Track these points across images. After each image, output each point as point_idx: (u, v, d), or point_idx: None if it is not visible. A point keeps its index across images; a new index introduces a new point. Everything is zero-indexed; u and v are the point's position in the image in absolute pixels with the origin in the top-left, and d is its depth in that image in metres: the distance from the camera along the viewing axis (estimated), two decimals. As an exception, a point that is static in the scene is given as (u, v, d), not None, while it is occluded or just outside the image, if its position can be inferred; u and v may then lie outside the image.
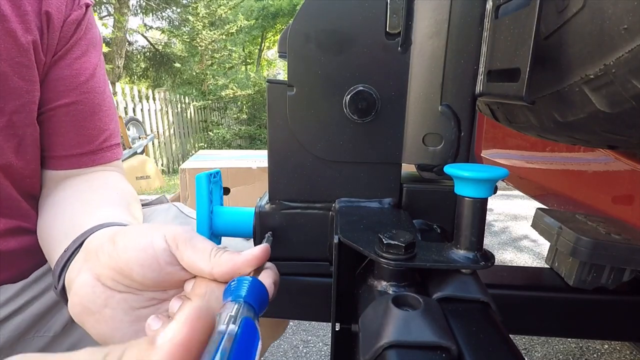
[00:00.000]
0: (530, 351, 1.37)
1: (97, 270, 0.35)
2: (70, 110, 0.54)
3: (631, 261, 0.46)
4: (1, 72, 0.45)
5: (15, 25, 0.46)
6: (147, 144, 5.09)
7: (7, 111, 0.47)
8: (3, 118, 0.46)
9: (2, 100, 0.46)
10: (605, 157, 0.56)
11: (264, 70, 13.64)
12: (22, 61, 0.47)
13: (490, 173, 0.29)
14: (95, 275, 0.35)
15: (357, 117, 0.40)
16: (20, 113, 0.48)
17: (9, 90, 0.46)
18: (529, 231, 2.50)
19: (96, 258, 0.35)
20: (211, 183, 0.45)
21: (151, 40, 9.29)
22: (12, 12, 0.46)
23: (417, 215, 0.43)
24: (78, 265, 0.38)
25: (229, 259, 0.33)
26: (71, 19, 0.52)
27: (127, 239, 0.35)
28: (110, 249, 0.35)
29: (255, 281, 0.30)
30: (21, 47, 0.46)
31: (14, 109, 0.47)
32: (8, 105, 0.47)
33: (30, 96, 0.49)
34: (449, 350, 0.24)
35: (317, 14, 0.38)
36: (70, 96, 0.54)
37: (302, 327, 1.51)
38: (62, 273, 0.40)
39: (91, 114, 0.56)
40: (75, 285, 0.36)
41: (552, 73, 0.29)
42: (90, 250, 0.37)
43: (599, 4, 0.23)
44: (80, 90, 0.55)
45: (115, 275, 0.34)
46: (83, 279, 0.35)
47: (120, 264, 0.34)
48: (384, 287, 0.33)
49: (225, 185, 1.67)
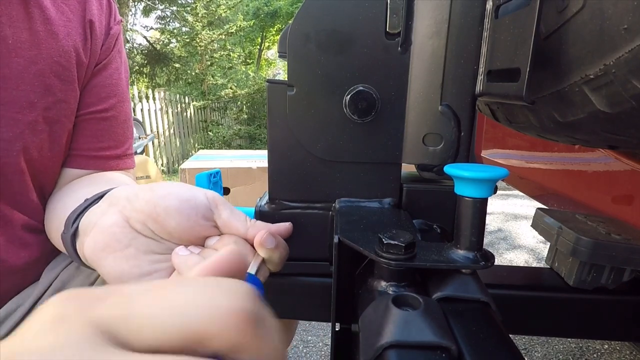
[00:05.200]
0: (530, 351, 1.37)
1: (127, 213, 0.38)
2: (108, 115, 0.59)
3: (631, 261, 0.46)
4: (39, 70, 0.48)
5: (58, 29, 0.50)
6: (147, 143, 5.09)
7: (40, 107, 0.49)
8: (34, 112, 0.49)
9: (36, 95, 0.49)
10: (605, 157, 0.56)
11: (264, 71, 13.65)
12: (60, 61, 0.50)
13: (490, 173, 0.29)
14: (125, 217, 0.37)
15: (357, 117, 0.39)
16: (51, 110, 0.51)
17: (44, 87, 0.49)
18: (529, 231, 2.50)
19: (127, 202, 0.38)
20: (211, 183, 0.45)
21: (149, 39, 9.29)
22: (57, 17, 0.50)
23: (417, 215, 0.43)
24: (101, 209, 0.40)
25: (264, 225, 0.39)
26: (112, 33, 0.58)
27: (168, 190, 0.38)
28: (149, 195, 0.37)
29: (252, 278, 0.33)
30: (62, 48, 0.50)
31: (46, 105, 0.50)
32: (41, 101, 0.49)
33: (63, 95, 0.52)
34: (449, 350, 0.24)
35: (317, 14, 0.38)
36: (110, 102, 0.59)
37: (302, 327, 1.51)
38: (78, 218, 0.42)
39: (123, 121, 0.62)
40: (101, 224, 0.38)
41: (552, 73, 0.29)
42: (118, 197, 0.40)
43: (599, 4, 0.23)
44: (118, 99, 0.60)
45: (148, 220, 0.37)
46: (111, 219, 0.38)
47: (158, 210, 0.36)
48: (383, 287, 0.33)
49: (225, 185, 1.67)
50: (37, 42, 0.48)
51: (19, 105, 0.48)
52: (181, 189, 0.38)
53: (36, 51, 0.48)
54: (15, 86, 0.47)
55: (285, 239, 0.40)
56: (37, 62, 0.48)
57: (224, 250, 0.25)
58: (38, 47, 0.48)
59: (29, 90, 0.48)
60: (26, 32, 0.47)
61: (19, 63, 0.47)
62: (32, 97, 0.49)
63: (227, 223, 0.38)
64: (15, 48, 0.46)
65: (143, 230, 0.37)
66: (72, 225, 0.42)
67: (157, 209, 0.37)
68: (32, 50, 0.48)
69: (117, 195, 0.40)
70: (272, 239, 0.38)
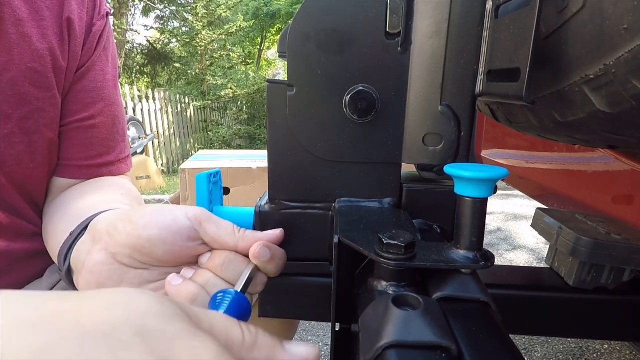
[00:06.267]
0: (530, 351, 1.37)
1: (112, 249, 0.36)
2: (96, 122, 0.55)
3: (631, 261, 0.46)
4: (11, 78, 0.44)
5: (31, 30, 0.45)
6: (147, 143, 5.09)
7: (15, 117, 0.46)
8: (9, 124, 0.46)
9: (11, 106, 0.45)
10: (605, 157, 0.56)
11: (264, 71, 13.64)
12: (35, 67, 0.46)
13: (490, 173, 0.29)
14: (110, 254, 0.36)
15: (357, 117, 0.39)
16: (29, 119, 0.47)
17: (19, 96, 0.46)
18: (529, 231, 2.50)
19: (109, 237, 0.37)
20: (211, 183, 0.45)
21: (149, 39, 9.29)
22: (29, 17, 0.45)
23: (417, 215, 0.43)
24: (86, 246, 0.39)
25: (253, 235, 0.38)
26: (95, 30, 0.53)
27: (148, 218, 0.36)
28: (129, 228, 0.36)
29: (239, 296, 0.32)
30: (36, 52, 0.46)
31: (22, 115, 0.47)
32: (16, 111, 0.46)
33: (41, 103, 0.48)
34: (449, 350, 0.24)
35: (317, 14, 0.38)
36: (96, 108, 0.55)
37: (302, 327, 1.51)
38: (68, 255, 0.41)
39: (112, 125, 0.58)
40: (89, 264, 0.37)
41: (552, 73, 0.29)
42: (100, 231, 0.39)
43: (599, 4, 0.23)
44: (105, 103, 0.56)
45: (134, 252, 0.36)
46: (97, 258, 0.37)
47: (142, 242, 0.35)
48: (383, 287, 0.33)
49: (225, 185, 1.67)
50: (8, 47, 0.44)
51: None
52: (161, 216, 0.36)
53: (7, 57, 0.44)
54: None
55: (285, 240, 0.40)
56: (9, 69, 0.44)
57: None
58: (9, 52, 0.44)
59: (1, 100, 0.44)
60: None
61: None
62: (6, 108, 0.45)
63: (215, 239, 0.37)
64: None
65: (132, 263, 0.36)
66: (64, 264, 0.41)
67: (140, 241, 0.35)
68: (3, 56, 0.44)
69: (99, 230, 0.39)
70: (266, 251, 0.37)
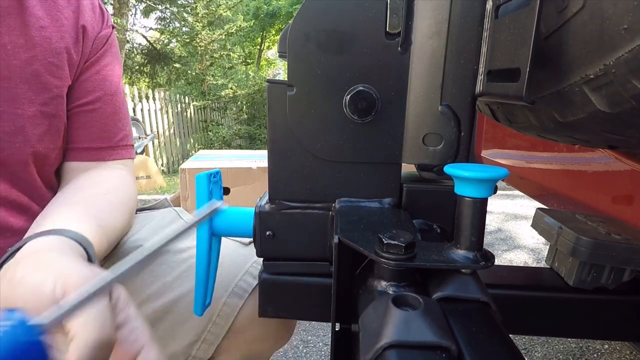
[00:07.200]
0: (530, 351, 1.37)
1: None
2: (96, 107, 0.63)
3: (631, 261, 0.46)
4: (34, 70, 0.55)
5: (51, 33, 0.57)
6: (147, 143, 5.09)
7: (37, 102, 0.56)
8: (33, 107, 0.55)
9: (34, 92, 0.55)
10: (605, 157, 0.56)
11: (264, 71, 13.64)
12: (54, 61, 0.57)
13: (490, 173, 0.29)
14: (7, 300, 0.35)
15: (357, 117, 0.39)
16: (48, 105, 0.57)
17: (40, 85, 0.56)
18: (529, 231, 2.50)
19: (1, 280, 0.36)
20: (211, 183, 0.45)
21: (149, 39, 9.29)
22: (50, 23, 0.57)
23: (417, 215, 0.43)
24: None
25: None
26: (102, 34, 0.64)
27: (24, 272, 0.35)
28: (11, 276, 0.35)
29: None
30: (55, 50, 0.57)
31: (43, 100, 0.56)
32: (38, 97, 0.56)
33: (59, 91, 0.58)
34: (449, 350, 0.24)
35: (317, 14, 0.38)
36: (96, 94, 0.63)
37: (302, 327, 1.51)
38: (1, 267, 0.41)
39: (113, 113, 0.65)
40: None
41: (552, 73, 0.29)
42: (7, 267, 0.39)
43: (599, 4, 0.23)
44: (105, 92, 0.64)
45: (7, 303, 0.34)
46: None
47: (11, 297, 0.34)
48: (383, 287, 0.32)
49: (225, 185, 1.67)
50: (32, 45, 0.55)
51: (19, 101, 0.54)
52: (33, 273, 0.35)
53: (32, 53, 0.55)
54: (15, 85, 0.53)
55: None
56: (32, 63, 0.55)
57: None
58: (33, 49, 0.55)
59: (26, 88, 0.54)
60: (22, 38, 0.54)
61: (16, 65, 0.53)
62: (30, 94, 0.55)
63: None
64: (13, 52, 0.53)
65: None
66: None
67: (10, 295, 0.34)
68: (28, 53, 0.54)
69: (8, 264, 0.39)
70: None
